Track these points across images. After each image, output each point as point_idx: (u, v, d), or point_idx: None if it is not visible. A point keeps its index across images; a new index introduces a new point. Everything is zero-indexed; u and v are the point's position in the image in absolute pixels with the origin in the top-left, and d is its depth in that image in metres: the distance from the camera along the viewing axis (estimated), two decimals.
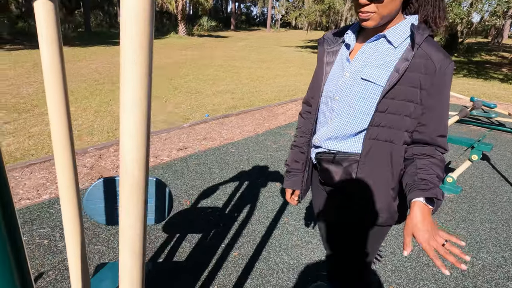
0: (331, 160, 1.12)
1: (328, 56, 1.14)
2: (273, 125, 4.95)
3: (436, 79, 0.92)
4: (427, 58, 0.92)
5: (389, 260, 2.12)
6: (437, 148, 0.99)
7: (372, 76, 0.99)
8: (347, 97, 1.04)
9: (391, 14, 0.95)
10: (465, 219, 2.62)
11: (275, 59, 13.43)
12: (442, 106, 0.96)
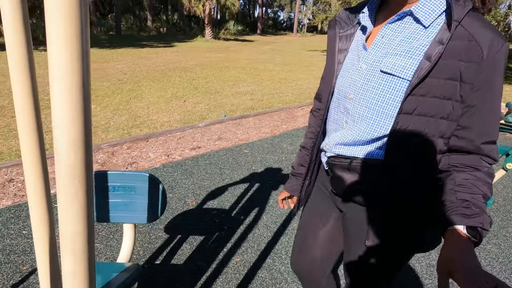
0: (346, 167, 0.90)
1: (341, 42, 0.92)
2: (291, 127, 4.78)
3: (484, 67, 0.69)
4: (471, 40, 0.69)
5: (407, 277, 1.91)
6: (483, 158, 0.75)
7: (395, 67, 0.77)
8: (365, 96, 0.82)
9: None
10: (497, 235, 2.34)
11: (299, 62, 13.24)
12: (492, 104, 0.72)
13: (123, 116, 4.93)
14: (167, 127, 4.51)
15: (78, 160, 0.43)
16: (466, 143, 0.75)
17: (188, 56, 13.46)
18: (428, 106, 0.74)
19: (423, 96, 0.74)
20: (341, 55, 0.92)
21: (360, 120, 0.85)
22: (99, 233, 2.18)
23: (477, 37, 0.68)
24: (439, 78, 0.72)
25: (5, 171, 3.03)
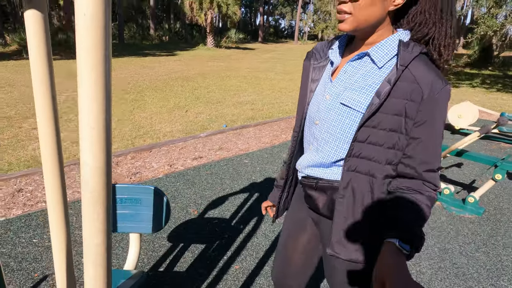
0: (313, 187, 1.02)
1: (314, 72, 1.02)
2: (290, 136, 4.90)
3: (424, 106, 0.80)
4: (414, 82, 0.80)
5: None
6: (425, 183, 0.85)
7: (351, 101, 0.87)
8: (327, 123, 0.93)
9: (370, 22, 0.83)
10: (486, 243, 2.44)
11: (300, 71, 13.38)
12: (432, 138, 0.83)
13: (127, 126, 5.07)
14: (170, 137, 4.64)
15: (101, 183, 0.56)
16: (410, 170, 0.86)
17: (190, 65, 13.66)
18: (378, 136, 0.85)
19: (374, 127, 0.85)
20: (313, 84, 1.02)
21: (323, 144, 0.96)
22: None
23: (419, 80, 0.80)
24: (387, 114, 0.83)
25: (14, 181, 3.16)
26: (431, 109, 0.80)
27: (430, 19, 0.84)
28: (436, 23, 0.84)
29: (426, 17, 0.84)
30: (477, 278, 2.08)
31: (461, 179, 3.58)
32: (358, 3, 0.80)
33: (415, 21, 0.86)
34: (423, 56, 0.84)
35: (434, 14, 0.83)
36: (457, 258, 2.26)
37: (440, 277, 2.07)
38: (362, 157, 0.89)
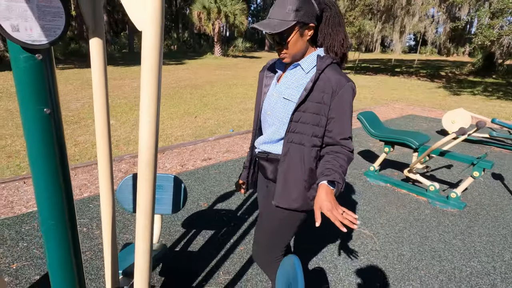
0: (265, 158, 1.44)
1: (266, 80, 1.45)
2: None
3: (335, 96, 1.22)
4: (328, 81, 1.22)
5: (380, 262, 2.32)
6: (343, 147, 1.27)
7: (289, 95, 1.30)
8: (275, 112, 1.35)
9: (299, 52, 1.27)
10: (464, 232, 2.74)
11: None
12: (342, 117, 1.24)
13: None
14: (181, 141, 5.02)
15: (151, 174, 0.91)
16: (331, 140, 1.28)
17: (198, 73, 14.13)
18: (306, 117, 1.26)
19: (303, 112, 1.26)
20: (266, 88, 1.45)
21: (272, 127, 1.37)
22: (128, 227, 2.65)
23: (330, 79, 1.22)
24: (312, 102, 1.25)
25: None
26: (339, 98, 1.23)
27: (328, 35, 1.27)
28: (332, 37, 1.27)
29: (325, 34, 1.27)
30: (450, 259, 2.38)
31: (449, 179, 3.87)
32: (288, 46, 1.25)
33: (322, 39, 1.29)
34: (334, 65, 1.27)
35: (330, 32, 1.27)
36: (435, 244, 2.57)
37: (418, 258, 2.38)
38: (296, 132, 1.29)
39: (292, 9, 1.19)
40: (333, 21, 1.25)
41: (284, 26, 1.19)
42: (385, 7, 13.85)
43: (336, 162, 1.22)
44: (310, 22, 1.23)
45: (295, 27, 1.21)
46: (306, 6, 1.20)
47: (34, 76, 0.96)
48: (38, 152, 1.04)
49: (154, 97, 0.94)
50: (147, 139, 0.95)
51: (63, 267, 1.17)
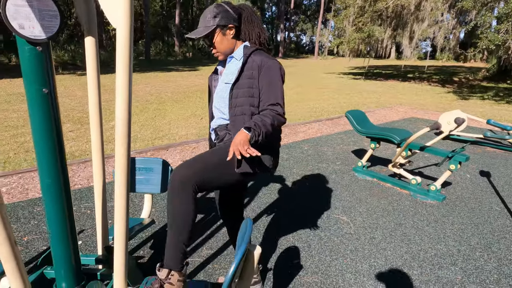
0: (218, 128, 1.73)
1: (214, 82, 1.79)
2: (291, 140, 5.48)
3: (261, 71, 1.55)
4: (254, 61, 1.57)
5: (351, 243, 2.53)
6: (271, 110, 1.52)
7: (227, 79, 1.63)
8: (220, 96, 1.67)
9: (228, 48, 1.64)
10: (438, 221, 2.91)
11: (313, 84, 14.00)
12: (269, 87, 1.54)
13: (148, 130, 5.81)
14: (184, 139, 5.33)
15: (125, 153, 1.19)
16: (263, 105, 1.56)
17: None
18: (243, 92, 1.57)
19: (239, 89, 1.57)
20: (215, 83, 1.77)
21: (219, 108, 1.68)
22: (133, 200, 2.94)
23: (255, 59, 1.57)
24: (244, 79, 1.57)
25: None
26: (265, 71, 1.56)
27: (247, 31, 1.65)
28: (249, 32, 1.65)
29: (245, 30, 1.65)
30: (419, 243, 2.56)
31: (436, 175, 4.02)
32: (215, 45, 1.62)
33: (244, 34, 1.66)
34: (259, 50, 1.62)
35: (248, 28, 1.65)
36: (408, 230, 2.75)
37: (388, 241, 2.58)
38: (237, 106, 1.59)
39: (211, 17, 1.58)
40: (248, 20, 1.64)
41: (207, 31, 1.57)
42: (394, 13, 13.97)
43: (258, 118, 1.49)
44: (229, 24, 1.59)
45: (216, 30, 1.59)
46: (222, 13, 1.58)
47: (35, 63, 1.26)
48: (38, 123, 1.34)
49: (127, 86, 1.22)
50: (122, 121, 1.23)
51: (59, 219, 1.46)
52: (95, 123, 1.70)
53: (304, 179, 3.78)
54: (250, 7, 1.68)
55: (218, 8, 1.59)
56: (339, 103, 9.54)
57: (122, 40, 1.18)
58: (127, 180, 1.39)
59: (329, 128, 6.46)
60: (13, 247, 1.22)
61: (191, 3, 39.66)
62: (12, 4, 1.15)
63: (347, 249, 2.46)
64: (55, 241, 1.49)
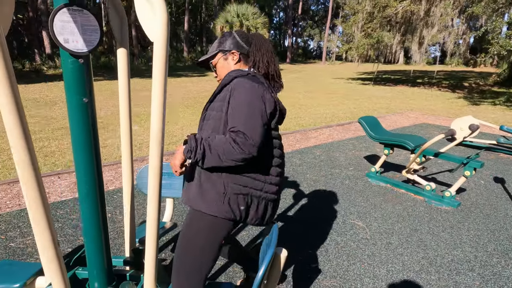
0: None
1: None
2: (303, 145, 5.52)
3: (232, 92, 1.34)
4: (232, 83, 1.38)
5: (368, 248, 2.56)
6: (230, 135, 1.27)
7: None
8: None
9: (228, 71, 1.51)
10: (453, 227, 2.93)
11: (322, 90, 14.04)
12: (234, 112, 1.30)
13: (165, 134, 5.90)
14: None
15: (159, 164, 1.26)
16: (226, 130, 1.32)
17: None
18: (213, 115, 1.39)
19: (212, 110, 1.41)
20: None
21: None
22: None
23: (234, 81, 1.37)
24: (217, 101, 1.41)
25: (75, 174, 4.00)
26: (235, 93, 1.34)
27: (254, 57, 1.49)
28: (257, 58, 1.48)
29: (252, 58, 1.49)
30: (435, 248, 2.58)
31: (450, 181, 4.03)
32: (216, 70, 1.56)
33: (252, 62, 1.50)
34: (248, 75, 1.42)
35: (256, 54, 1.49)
36: (424, 235, 2.77)
37: (405, 246, 2.60)
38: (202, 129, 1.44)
39: (217, 42, 1.58)
40: (257, 48, 1.50)
41: (209, 55, 1.57)
42: (403, 19, 13.99)
43: (210, 137, 1.33)
44: (232, 50, 1.52)
45: (217, 54, 1.55)
46: (228, 39, 1.55)
47: (77, 74, 1.34)
48: (78, 130, 1.42)
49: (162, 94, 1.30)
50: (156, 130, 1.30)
51: (94, 222, 1.53)
52: (125, 129, 1.77)
53: (317, 184, 3.82)
54: (261, 36, 1.58)
55: (225, 35, 1.58)
56: (349, 108, 9.56)
57: (158, 52, 1.25)
58: (159, 185, 1.46)
59: (340, 133, 6.49)
60: (56, 248, 1.29)
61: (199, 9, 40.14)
62: (59, 20, 1.23)
63: (364, 254, 2.49)
64: (89, 243, 1.56)
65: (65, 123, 6.67)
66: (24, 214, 2.96)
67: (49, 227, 1.25)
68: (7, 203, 3.19)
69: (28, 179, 1.16)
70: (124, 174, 1.88)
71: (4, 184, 3.61)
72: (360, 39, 15.48)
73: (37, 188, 1.19)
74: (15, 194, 3.39)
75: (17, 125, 1.08)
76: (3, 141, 5.28)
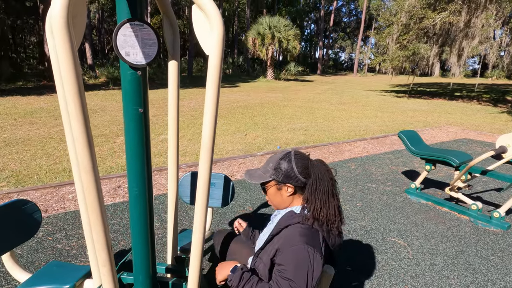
0: None
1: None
2: (337, 159, 5.42)
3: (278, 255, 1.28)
4: (281, 238, 1.31)
5: (411, 268, 2.44)
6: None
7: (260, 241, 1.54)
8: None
9: (279, 203, 1.44)
10: (504, 250, 2.74)
11: (354, 102, 13.81)
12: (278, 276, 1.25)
13: (196, 144, 6.02)
14: (231, 155, 5.46)
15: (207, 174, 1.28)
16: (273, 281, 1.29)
17: (250, 95, 14.83)
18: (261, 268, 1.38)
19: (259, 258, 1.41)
20: None
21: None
22: (188, 213, 3.06)
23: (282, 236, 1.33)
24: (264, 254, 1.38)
25: (115, 180, 4.14)
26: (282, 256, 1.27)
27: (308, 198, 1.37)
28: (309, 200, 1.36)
29: (306, 196, 1.37)
30: (485, 273, 2.42)
31: (497, 200, 3.79)
32: (268, 196, 1.47)
33: (305, 198, 1.39)
34: (297, 225, 1.32)
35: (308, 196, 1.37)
36: (471, 258, 2.61)
37: (451, 269, 2.46)
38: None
39: (272, 167, 1.41)
40: (312, 188, 1.35)
41: (261, 180, 1.43)
42: (441, 30, 13.56)
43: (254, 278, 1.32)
44: (287, 183, 1.38)
45: (270, 182, 1.42)
46: (285, 169, 1.38)
47: (135, 86, 1.39)
48: (132, 138, 1.47)
49: (214, 104, 1.32)
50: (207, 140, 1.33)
51: (142, 227, 1.57)
52: (173, 138, 1.81)
53: (354, 199, 3.72)
54: (322, 169, 1.39)
55: (284, 163, 1.39)
56: (384, 121, 9.32)
57: (213, 65, 1.28)
58: (207, 193, 1.48)
59: (375, 147, 6.32)
60: (110, 252, 1.33)
61: (232, 21, 41.06)
62: (122, 34, 1.29)
63: (407, 274, 2.38)
64: (137, 249, 1.60)
65: (104, 130, 6.96)
66: (69, 217, 3.09)
67: (104, 231, 1.29)
68: (53, 206, 3.35)
69: (88, 184, 1.21)
70: (169, 183, 1.91)
71: (50, 187, 3.80)
72: (394, 51, 15.14)
73: (96, 193, 1.23)
74: (60, 197, 3.56)
75: (83, 133, 1.14)
76: (50, 146, 5.58)
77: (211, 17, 1.20)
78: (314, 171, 1.37)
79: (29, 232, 1.79)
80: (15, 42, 22.79)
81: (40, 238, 2.71)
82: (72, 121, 1.10)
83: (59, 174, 4.28)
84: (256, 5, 40.01)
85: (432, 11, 13.54)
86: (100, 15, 33.88)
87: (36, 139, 6.07)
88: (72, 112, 1.09)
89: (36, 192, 3.66)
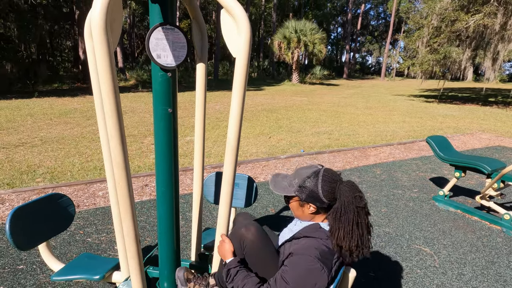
0: None
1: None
2: (362, 163, 5.34)
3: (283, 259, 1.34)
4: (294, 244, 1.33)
5: (437, 277, 2.37)
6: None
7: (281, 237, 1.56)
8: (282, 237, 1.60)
9: (300, 217, 1.43)
10: None
11: (381, 106, 13.53)
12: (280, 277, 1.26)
13: (221, 146, 6.11)
14: (255, 157, 5.50)
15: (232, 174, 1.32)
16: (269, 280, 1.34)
17: (275, 99, 14.86)
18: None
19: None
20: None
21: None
22: (213, 213, 3.12)
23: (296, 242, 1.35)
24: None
25: (142, 179, 4.28)
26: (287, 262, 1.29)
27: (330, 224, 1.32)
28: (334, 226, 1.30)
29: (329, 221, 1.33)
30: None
31: None
32: (290, 207, 1.44)
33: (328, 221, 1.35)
34: (316, 240, 1.30)
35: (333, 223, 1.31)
36: (503, 269, 2.50)
37: (480, 280, 2.37)
38: None
39: (297, 183, 1.36)
40: (337, 216, 1.29)
41: (285, 193, 1.40)
42: (475, 33, 13.06)
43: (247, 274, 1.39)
44: (309, 203, 1.35)
45: (293, 198, 1.40)
46: (311, 189, 1.33)
47: (165, 87, 1.46)
48: (162, 137, 1.53)
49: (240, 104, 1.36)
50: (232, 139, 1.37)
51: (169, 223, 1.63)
52: (199, 138, 1.87)
53: (378, 205, 3.65)
54: (350, 193, 1.31)
55: (310, 182, 1.33)
56: (412, 127, 9.08)
57: (240, 68, 1.32)
58: (232, 192, 1.51)
59: (402, 153, 6.17)
60: (138, 246, 1.39)
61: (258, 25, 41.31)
62: (154, 38, 1.36)
63: (432, 283, 2.32)
64: (163, 244, 1.66)
65: (133, 131, 7.20)
66: (99, 212, 3.23)
67: (134, 225, 1.36)
68: (84, 202, 3.51)
69: (120, 179, 1.28)
70: (195, 182, 1.97)
71: (82, 184, 3.99)
72: (424, 54, 14.71)
73: (127, 189, 1.30)
74: (91, 193, 3.72)
75: (117, 131, 1.20)
76: (82, 145, 5.85)
77: (239, 21, 1.25)
78: (341, 197, 1.30)
79: (64, 224, 1.90)
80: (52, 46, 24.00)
81: (72, 231, 2.85)
82: (107, 118, 1.17)
83: (91, 172, 4.47)
84: (283, 9, 40.09)
85: (465, 13, 13.07)
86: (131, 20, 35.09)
87: (69, 138, 6.37)
88: (108, 110, 1.16)
89: (69, 188, 3.85)
